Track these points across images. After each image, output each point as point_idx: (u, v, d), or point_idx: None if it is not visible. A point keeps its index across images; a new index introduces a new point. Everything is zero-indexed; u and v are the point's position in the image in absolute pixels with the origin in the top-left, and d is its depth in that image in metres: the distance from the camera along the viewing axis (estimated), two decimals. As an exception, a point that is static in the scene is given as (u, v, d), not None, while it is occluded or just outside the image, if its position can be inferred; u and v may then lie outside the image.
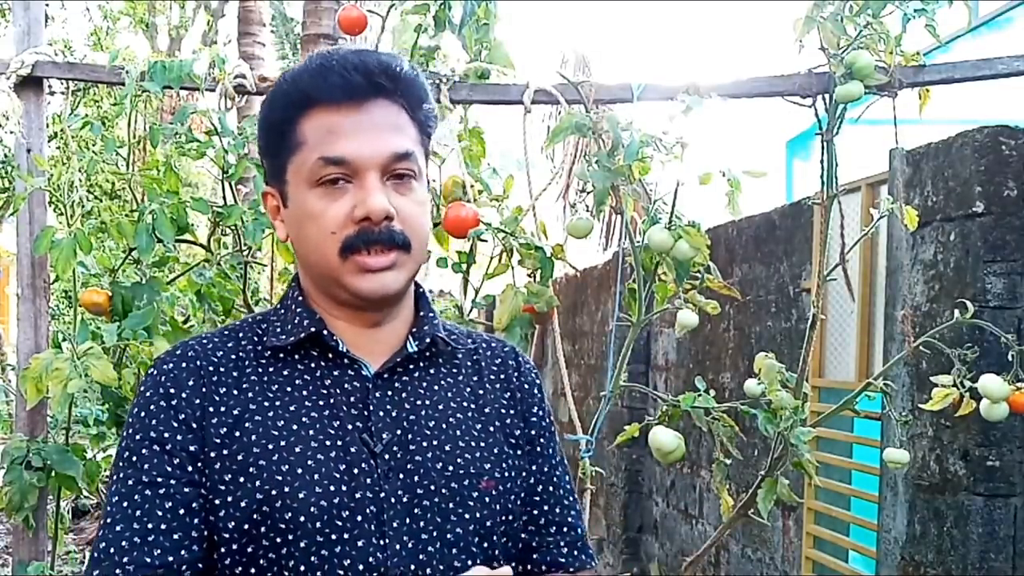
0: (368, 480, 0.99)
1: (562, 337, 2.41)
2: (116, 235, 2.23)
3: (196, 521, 0.97)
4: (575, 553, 1.14)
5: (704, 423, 2.09)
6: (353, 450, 1.00)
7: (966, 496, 2.47)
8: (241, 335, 1.07)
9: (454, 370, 1.12)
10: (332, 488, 0.98)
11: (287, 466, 0.98)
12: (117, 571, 0.94)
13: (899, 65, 2.16)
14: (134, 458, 0.99)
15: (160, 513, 0.96)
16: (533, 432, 1.14)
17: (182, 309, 2.57)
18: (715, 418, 2.09)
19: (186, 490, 0.97)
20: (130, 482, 0.98)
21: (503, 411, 1.12)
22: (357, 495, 0.98)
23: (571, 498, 1.17)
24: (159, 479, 0.97)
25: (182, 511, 0.97)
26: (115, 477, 1.00)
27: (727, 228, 4.26)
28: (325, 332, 1.04)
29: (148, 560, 0.95)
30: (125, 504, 0.97)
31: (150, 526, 0.96)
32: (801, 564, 3.51)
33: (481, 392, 1.12)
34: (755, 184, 2.13)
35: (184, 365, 1.03)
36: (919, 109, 2.21)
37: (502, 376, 1.15)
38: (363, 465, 1.00)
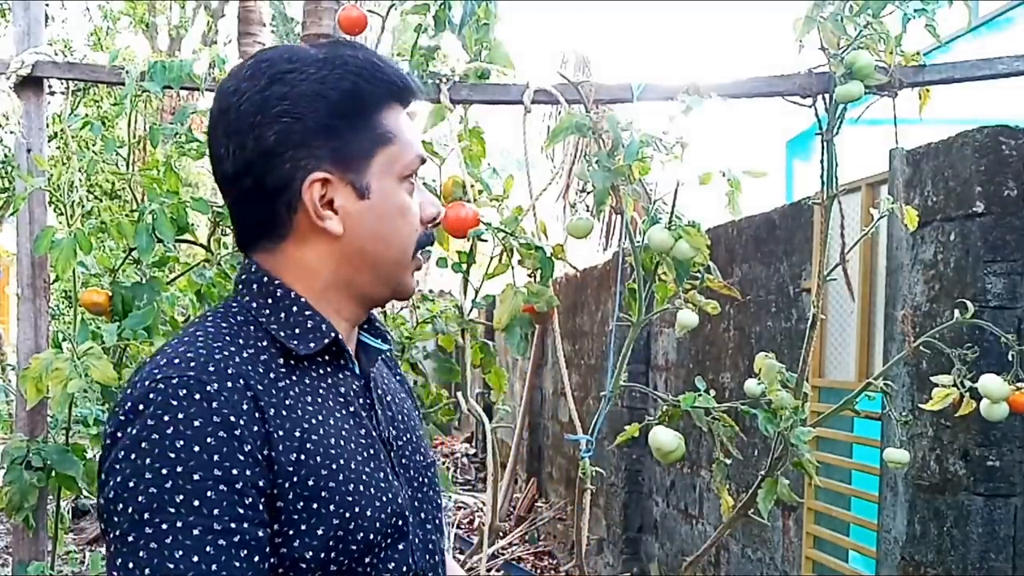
0: (397, 482, 1.00)
1: (562, 337, 2.41)
2: (116, 235, 2.24)
3: (267, 565, 0.86)
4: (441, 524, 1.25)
5: (704, 423, 2.09)
6: (383, 456, 0.99)
7: (966, 496, 2.47)
8: (241, 341, 0.94)
9: (381, 363, 1.14)
10: (385, 499, 0.96)
11: (352, 485, 0.92)
12: None
13: (899, 65, 2.16)
14: (196, 502, 0.82)
15: (238, 564, 0.83)
16: (419, 412, 1.22)
17: (182, 309, 2.57)
18: (715, 418, 2.09)
19: (260, 534, 0.85)
20: (195, 531, 0.82)
21: (410, 397, 1.18)
22: (400, 499, 0.98)
23: None
24: (232, 524, 0.83)
25: (257, 558, 0.85)
26: (167, 525, 0.82)
27: (727, 228, 4.26)
28: (340, 338, 0.99)
29: None
30: (196, 559, 0.81)
31: None
32: (801, 564, 3.51)
33: (400, 382, 1.17)
34: (755, 184, 2.13)
35: (230, 385, 0.88)
36: (919, 109, 2.21)
37: (395, 364, 1.21)
38: (389, 469, 1.00)
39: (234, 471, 0.85)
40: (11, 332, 11.22)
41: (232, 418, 0.86)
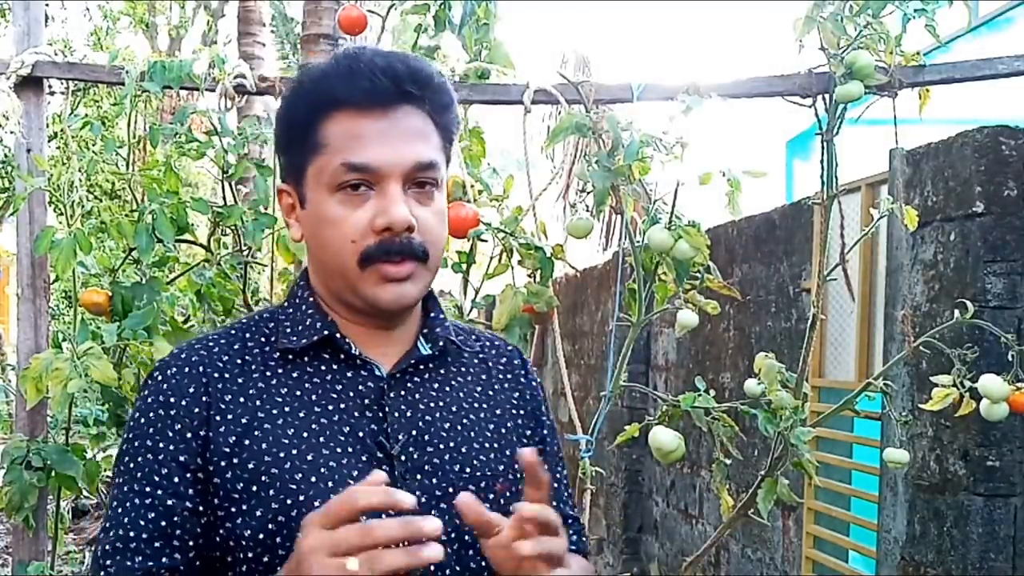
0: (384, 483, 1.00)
1: (562, 337, 2.41)
2: (116, 235, 2.23)
3: (178, 532, 0.98)
4: (581, 545, 1.17)
5: (704, 423, 2.09)
6: (365, 456, 0.99)
7: (966, 496, 2.47)
8: (248, 335, 1.05)
9: (463, 370, 1.11)
10: None
11: (300, 475, 0.96)
12: (101, 573, 0.98)
13: (899, 65, 2.16)
14: (131, 464, 1.00)
15: (142, 523, 0.97)
16: (544, 432, 1.16)
17: (182, 309, 2.57)
18: (715, 418, 2.09)
19: (169, 502, 0.97)
20: (124, 488, 0.99)
21: (513, 411, 1.13)
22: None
23: (570, 491, 1.20)
24: (147, 488, 0.98)
25: (163, 523, 0.97)
26: (114, 480, 1.01)
27: (727, 228, 4.26)
28: (338, 335, 1.03)
29: (129, 564, 0.97)
30: (120, 510, 0.99)
31: (132, 534, 0.97)
32: (801, 564, 3.51)
33: (491, 393, 1.12)
34: (755, 184, 2.13)
35: (187, 371, 1.01)
36: (919, 109, 2.21)
37: (509, 376, 1.15)
38: (378, 468, 0.98)
39: (160, 444, 0.99)
40: (11, 332, 11.21)
41: (172, 399, 0.99)
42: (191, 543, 0.98)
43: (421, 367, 1.07)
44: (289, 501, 0.95)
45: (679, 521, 4.83)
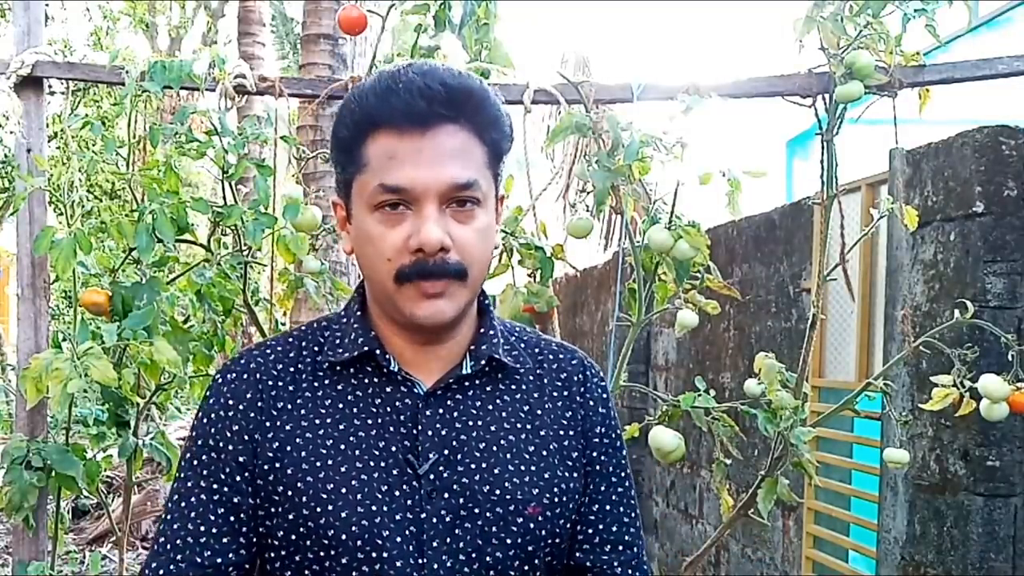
0: (409, 501, 1.00)
1: (562, 337, 2.41)
2: (116, 235, 2.23)
3: (244, 529, 1.03)
4: (629, 572, 1.12)
5: (704, 423, 2.09)
6: (396, 471, 1.01)
7: (966, 496, 2.47)
8: (303, 344, 1.09)
9: (512, 387, 1.10)
10: (373, 508, 1.00)
11: (332, 484, 1.00)
12: (171, 567, 1.02)
13: (899, 65, 2.16)
14: (195, 461, 1.05)
15: (212, 517, 1.03)
16: (595, 453, 1.12)
17: (182, 309, 2.56)
18: (715, 418, 2.09)
19: (236, 499, 1.03)
20: (189, 483, 1.04)
21: (561, 432, 1.10)
22: (397, 516, 1.00)
23: (631, 516, 1.14)
24: (214, 485, 1.03)
25: (232, 517, 1.03)
26: (177, 476, 1.06)
27: (727, 228, 4.26)
28: (378, 351, 1.05)
29: (199, 560, 1.02)
30: (183, 504, 1.04)
31: (203, 528, 1.03)
32: (801, 564, 3.51)
33: (539, 412, 1.10)
34: (755, 184, 2.13)
35: (245, 377, 1.06)
36: (919, 109, 2.21)
37: (565, 393, 1.13)
38: (404, 487, 1.01)
39: (222, 444, 1.04)
40: (11, 332, 11.21)
41: (231, 402, 1.05)
42: (254, 539, 1.04)
43: (466, 383, 1.07)
44: (318, 509, 0.99)
45: (679, 521, 4.83)
